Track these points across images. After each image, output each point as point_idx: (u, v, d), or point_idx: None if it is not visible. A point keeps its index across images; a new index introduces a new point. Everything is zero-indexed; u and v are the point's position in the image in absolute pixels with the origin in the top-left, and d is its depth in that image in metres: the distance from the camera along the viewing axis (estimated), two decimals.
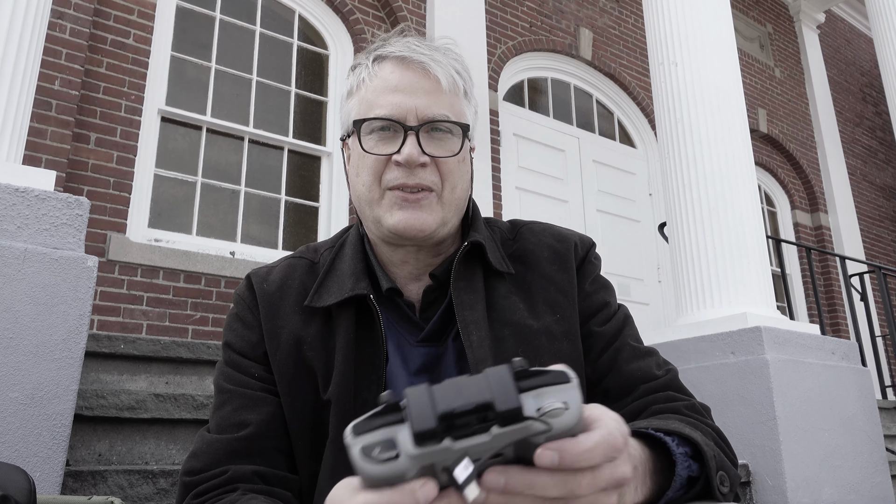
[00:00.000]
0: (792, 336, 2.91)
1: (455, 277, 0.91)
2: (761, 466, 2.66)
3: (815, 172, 7.75)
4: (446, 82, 0.90)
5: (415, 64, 0.89)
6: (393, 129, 0.88)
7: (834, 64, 8.80)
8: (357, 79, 0.93)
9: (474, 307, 0.91)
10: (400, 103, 0.88)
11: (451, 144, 0.90)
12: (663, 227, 4.14)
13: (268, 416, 0.88)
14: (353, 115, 0.93)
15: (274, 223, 4.35)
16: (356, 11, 4.90)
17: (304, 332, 0.90)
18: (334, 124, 4.70)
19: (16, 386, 1.50)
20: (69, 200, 1.70)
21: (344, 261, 0.95)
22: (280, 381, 0.89)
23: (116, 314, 3.52)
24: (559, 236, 1.02)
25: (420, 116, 0.88)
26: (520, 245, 0.99)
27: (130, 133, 3.79)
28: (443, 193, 0.89)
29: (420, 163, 0.87)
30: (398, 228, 0.88)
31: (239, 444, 0.86)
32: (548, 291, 0.95)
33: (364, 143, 0.89)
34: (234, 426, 0.87)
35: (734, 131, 3.25)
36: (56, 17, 3.56)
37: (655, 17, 3.53)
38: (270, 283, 0.95)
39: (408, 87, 0.88)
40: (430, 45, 0.93)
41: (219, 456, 0.86)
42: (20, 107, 1.89)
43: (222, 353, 0.95)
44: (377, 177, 0.89)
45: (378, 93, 0.89)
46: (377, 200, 0.89)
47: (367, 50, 0.95)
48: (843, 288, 5.94)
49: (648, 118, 6.30)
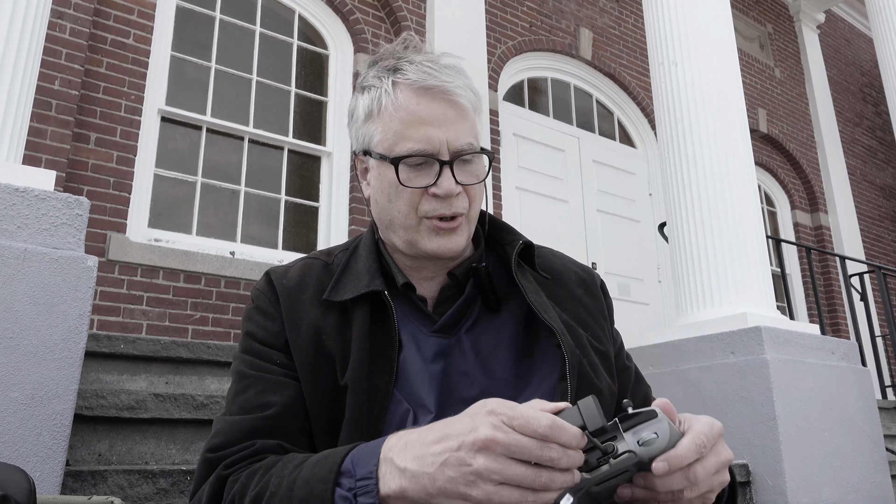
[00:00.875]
0: (792, 336, 2.91)
1: (516, 269, 1.00)
2: (761, 466, 2.66)
3: (815, 172, 7.75)
4: (468, 108, 0.96)
5: (438, 94, 0.94)
6: (427, 162, 0.93)
7: (834, 64, 8.80)
8: (376, 102, 0.97)
9: (539, 293, 1.00)
10: (431, 137, 0.93)
11: (478, 170, 0.97)
12: (663, 227, 4.14)
13: (290, 398, 0.92)
14: (375, 140, 0.97)
15: (274, 223, 4.35)
16: (356, 11, 4.90)
17: (322, 322, 0.96)
18: (334, 124, 4.70)
19: (16, 386, 1.50)
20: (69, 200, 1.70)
21: (359, 261, 1.01)
22: (301, 367, 0.93)
23: (116, 314, 3.52)
24: (579, 265, 1.13)
25: (451, 149, 0.93)
26: (544, 260, 1.08)
27: (130, 133, 3.79)
28: (469, 214, 0.97)
29: (456, 193, 0.94)
30: (437, 253, 0.95)
31: (263, 423, 0.90)
32: (577, 310, 1.04)
33: (401, 175, 0.93)
34: (257, 407, 0.91)
35: (734, 131, 3.25)
36: (56, 17, 3.56)
37: (655, 17, 3.53)
38: (289, 279, 1.01)
39: (435, 118, 0.93)
40: (442, 64, 0.97)
41: (244, 433, 0.89)
42: (20, 107, 1.89)
43: (242, 344, 0.99)
44: (414, 207, 0.95)
45: (406, 125, 0.94)
46: (414, 227, 0.96)
47: (379, 67, 0.99)
48: (843, 288, 5.94)
49: (648, 118, 6.30)
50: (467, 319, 1.00)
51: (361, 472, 0.74)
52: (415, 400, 0.93)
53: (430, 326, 0.98)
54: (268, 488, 0.80)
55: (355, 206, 4.51)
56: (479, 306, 1.01)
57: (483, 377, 0.96)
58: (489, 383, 0.96)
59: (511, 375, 0.97)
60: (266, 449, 0.87)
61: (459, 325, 0.99)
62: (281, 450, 0.88)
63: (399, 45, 1.00)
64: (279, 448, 0.88)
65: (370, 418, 0.90)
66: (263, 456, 0.86)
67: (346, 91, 4.78)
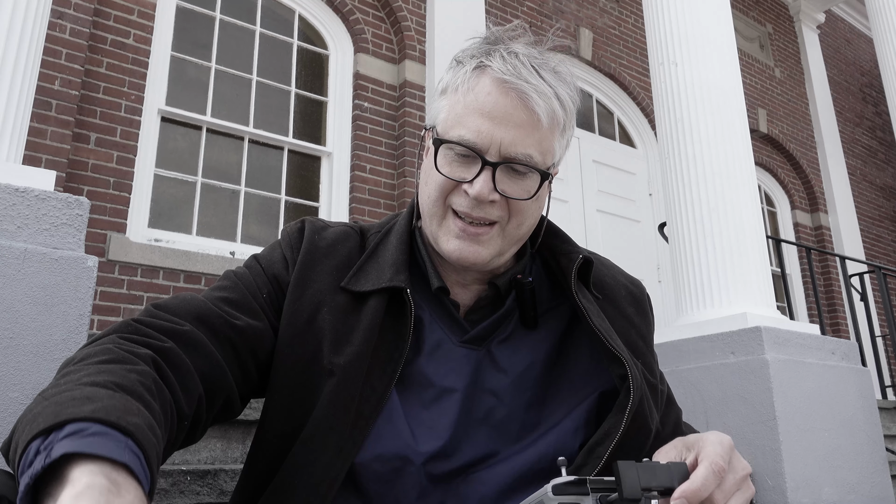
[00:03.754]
0: (792, 336, 2.91)
1: (575, 287, 0.91)
2: (761, 466, 2.65)
3: (815, 172, 7.75)
4: (544, 119, 0.84)
5: (513, 92, 0.83)
6: (471, 156, 0.84)
7: (834, 64, 8.80)
8: (455, 80, 0.88)
9: (602, 318, 0.92)
10: (486, 132, 0.83)
11: (528, 185, 0.86)
12: (663, 227, 4.14)
13: (257, 329, 0.84)
14: (440, 117, 0.89)
15: (274, 223, 4.35)
16: (356, 11, 4.90)
17: (329, 296, 0.88)
18: (334, 124, 4.70)
19: (16, 386, 1.50)
20: (69, 200, 1.70)
21: (387, 249, 0.93)
22: (286, 327, 0.86)
23: (116, 314, 3.52)
24: (629, 278, 1.05)
25: (503, 153, 0.83)
26: (594, 273, 0.97)
27: (130, 133, 3.79)
28: (507, 226, 0.87)
29: (490, 199, 0.84)
30: (452, 257, 0.87)
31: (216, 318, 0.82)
32: (629, 333, 0.96)
33: (439, 159, 0.86)
34: (224, 302, 0.85)
35: (734, 131, 3.25)
36: (56, 17, 3.56)
37: (655, 17, 3.53)
38: (322, 239, 0.93)
39: (500, 115, 0.83)
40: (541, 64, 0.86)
41: (188, 309, 0.82)
42: (20, 107, 1.89)
43: (247, 261, 0.94)
44: (443, 195, 0.87)
45: (468, 111, 0.84)
46: (439, 219, 0.88)
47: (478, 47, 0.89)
48: (843, 288, 5.94)
49: (648, 118, 6.30)
50: (500, 333, 0.92)
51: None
52: (419, 414, 0.86)
53: (460, 335, 0.91)
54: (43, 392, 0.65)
55: (355, 207, 4.51)
56: (515, 321, 0.93)
57: (511, 399, 0.89)
58: (517, 405, 0.89)
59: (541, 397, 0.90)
60: (180, 338, 0.77)
61: (491, 338, 0.91)
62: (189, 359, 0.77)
63: (510, 31, 0.90)
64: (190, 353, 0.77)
65: (357, 420, 0.82)
66: (163, 344, 0.75)
67: (346, 91, 4.78)
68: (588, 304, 0.91)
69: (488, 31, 0.91)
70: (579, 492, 0.65)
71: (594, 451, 0.85)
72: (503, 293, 0.92)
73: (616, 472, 0.63)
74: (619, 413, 0.86)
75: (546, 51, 0.89)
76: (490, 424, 0.88)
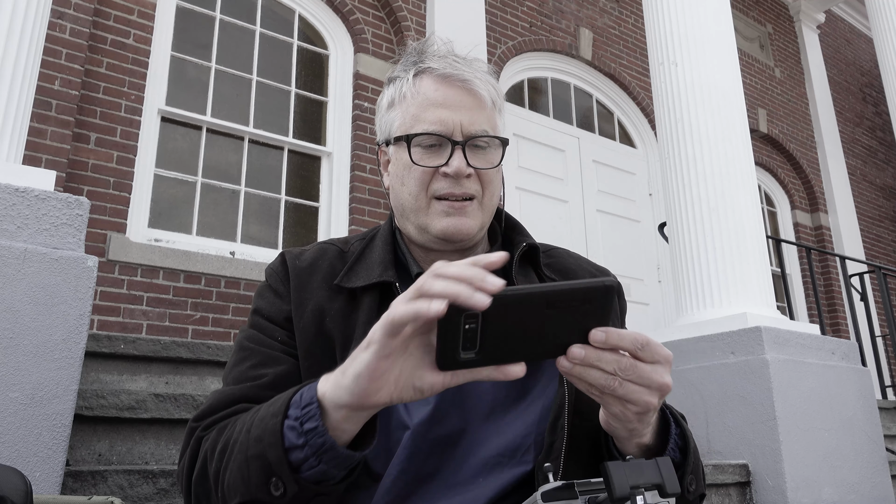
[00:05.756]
0: (792, 336, 2.91)
1: (516, 272, 0.99)
2: (761, 466, 2.65)
3: (815, 172, 7.75)
4: (486, 100, 0.98)
5: (457, 81, 0.97)
6: (440, 143, 0.96)
7: (834, 64, 8.80)
8: (398, 92, 1.00)
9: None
10: (446, 119, 0.95)
11: (492, 156, 0.99)
12: (663, 227, 4.14)
13: (283, 371, 0.92)
14: (395, 125, 1.00)
15: (274, 223, 4.35)
16: (356, 11, 4.90)
17: (328, 305, 0.96)
18: (334, 124, 4.70)
19: (16, 386, 1.50)
20: (69, 200, 1.70)
21: (374, 250, 1.02)
22: (301, 346, 0.94)
23: (116, 314, 3.52)
24: (595, 266, 1.12)
25: (465, 132, 0.96)
26: (557, 260, 1.08)
27: (130, 133, 3.79)
28: (483, 200, 0.99)
29: (466, 174, 0.95)
30: (446, 233, 0.96)
31: (251, 391, 0.90)
32: None
33: (413, 154, 0.96)
34: (250, 378, 0.92)
35: (734, 131, 3.25)
36: (56, 17, 3.56)
37: (655, 17, 3.53)
38: (302, 261, 1.02)
39: (452, 103, 0.96)
40: (466, 59, 1.00)
41: (230, 400, 0.90)
42: (20, 107, 1.89)
43: (249, 320, 1.01)
44: (424, 186, 0.97)
45: (423, 107, 0.97)
46: (424, 209, 0.98)
47: (405, 61, 1.02)
48: (843, 288, 5.94)
49: (648, 118, 6.30)
50: None
51: (306, 399, 0.74)
52: None
53: None
54: (232, 436, 0.80)
55: (355, 206, 4.51)
56: None
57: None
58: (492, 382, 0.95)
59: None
60: (243, 409, 0.87)
61: None
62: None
63: (426, 44, 1.03)
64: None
65: None
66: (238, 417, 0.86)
67: (346, 91, 4.78)
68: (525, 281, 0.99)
69: (409, 46, 1.04)
70: (568, 496, 0.66)
71: (556, 425, 0.90)
72: None
73: (604, 472, 0.63)
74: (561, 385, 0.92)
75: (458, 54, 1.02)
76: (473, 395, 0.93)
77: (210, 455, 0.82)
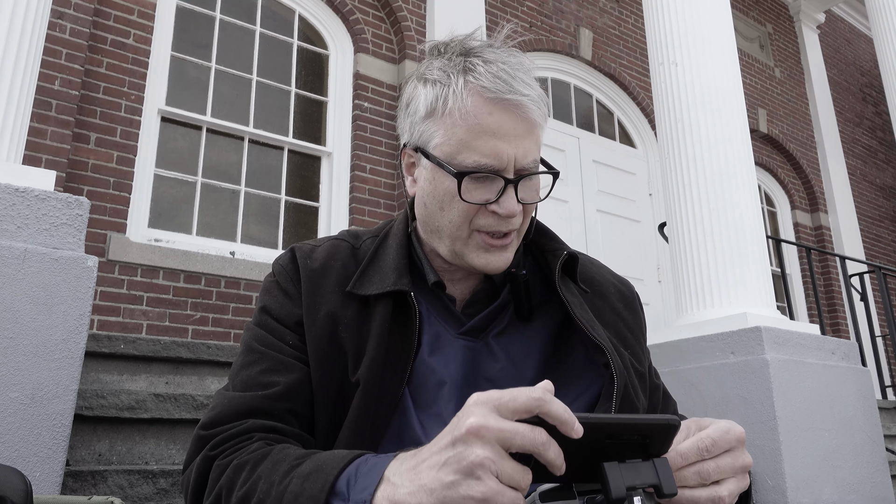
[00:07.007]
0: (792, 336, 2.91)
1: (559, 281, 0.96)
2: (761, 466, 2.65)
3: (815, 172, 7.75)
4: (538, 122, 0.89)
5: (512, 106, 0.87)
6: (491, 178, 0.88)
7: (834, 64, 8.80)
8: (440, 100, 0.89)
9: (584, 309, 0.95)
10: (500, 153, 0.86)
11: (538, 184, 0.93)
12: (663, 227, 4.14)
13: (295, 381, 0.89)
14: (435, 141, 0.90)
15: (274, 223, 4.35)
16: (356, 11, 4.90)
17: (341, 312, 0.92)
18: (334, 124, 4.70)
19: (16, 386, 1.50)
20: (69, 200, 1.70)
21: (388, 253, 0.96)
22: (312, 354, 0.90)
23: (116, 314, 3.52)
24: (619, 277, 1.10)
25: (518, 167, 0.88)
26: (583, 269, 1.03)
27: (130, 133, 3.79)
28: (520, 229, 0.94)
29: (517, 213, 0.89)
30: (486, 269, 0.91)
31: (262, 402, 0.87)
32: (618, 325, 1.00)
33: (463, 189, 0.87)
34: (260, 385, 0.88)
35: (734, 131, 3.25)
36: (56, 17, 3.56)
37: (655, 17, 3.53)
38: (314, 261, 0.96)
39: (505, 133, 0.87)
40: (515, 66, 0.90)
41: (240, 411, 0.86)
42: (20, 107, 1.89)
43: (256, 317, 0.96)
44: (468, 219, 0.90)
45: (474, 135, 0.87)
46: (463, 239, 0.91)
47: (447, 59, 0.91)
48: (843, 288, 5.94)
49: (648, 118, 6.30)
50: (497, 325, 0.95)
51: (357, 497, 0.67)
52: (428, 406, 0.89)
53: (458, 328, 0.94)
54: (255, 493, 0.75)
55: (355, 207, 4.51)
56: (511, 313, 0.96)
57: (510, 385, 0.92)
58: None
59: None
60: (256, 428, 0.84)
61: (488, 330, 0.95)
62: (273, 433, 0.85)
63: (469, 39, 0.93)
64: (271, 430, 0.85)
65: (375, 420, 0.86)
66: (251, 436, 0.83)
67: (346, 91, 4.78)
68: (571, 297, 0.95)
69: (446, 41, 0.93)
70: (566, 496, 0.65)
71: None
72: (498, 285, 0.97)
73: (601, 472, 0.63)
74: (606, 401, 0.89)
75: (505, 49, 0.93)
76: None
77: (226, 495, 0.78)
